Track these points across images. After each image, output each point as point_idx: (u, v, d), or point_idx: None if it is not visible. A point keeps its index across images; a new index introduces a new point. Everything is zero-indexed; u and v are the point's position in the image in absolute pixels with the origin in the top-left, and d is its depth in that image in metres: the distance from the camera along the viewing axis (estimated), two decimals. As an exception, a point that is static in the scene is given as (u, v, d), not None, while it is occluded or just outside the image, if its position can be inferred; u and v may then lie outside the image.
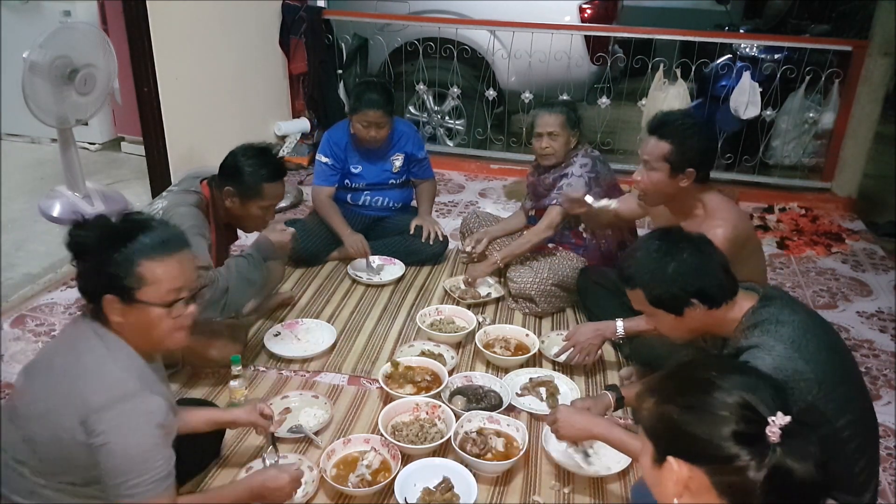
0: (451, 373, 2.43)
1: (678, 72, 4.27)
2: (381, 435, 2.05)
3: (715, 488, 0.97)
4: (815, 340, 1.51)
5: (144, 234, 1.40)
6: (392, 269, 3.23)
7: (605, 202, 2.53)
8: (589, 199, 2.54)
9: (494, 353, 2.56)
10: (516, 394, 2.36)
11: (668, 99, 4.23)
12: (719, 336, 1.67)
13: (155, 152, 3.64)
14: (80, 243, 1.39)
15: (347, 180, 3.27)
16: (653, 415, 1.06)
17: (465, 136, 5.01)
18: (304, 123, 4.83)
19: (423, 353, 2.54)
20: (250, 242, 2.33)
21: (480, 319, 2.83)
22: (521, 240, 2.94)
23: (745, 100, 4.23)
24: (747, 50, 4.66)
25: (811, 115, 4.39)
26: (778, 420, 0.95)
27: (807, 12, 5.79)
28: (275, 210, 2.41)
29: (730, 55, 4.53)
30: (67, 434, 1.33)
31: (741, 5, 6.53)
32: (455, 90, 4.70)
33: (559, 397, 2.34)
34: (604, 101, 4.49)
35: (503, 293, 3.04)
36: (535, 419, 2.26)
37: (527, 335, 2.67)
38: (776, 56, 4.40)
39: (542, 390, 2.37)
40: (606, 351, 2.60)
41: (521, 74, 4.65)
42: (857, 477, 1.53)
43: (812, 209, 4.28)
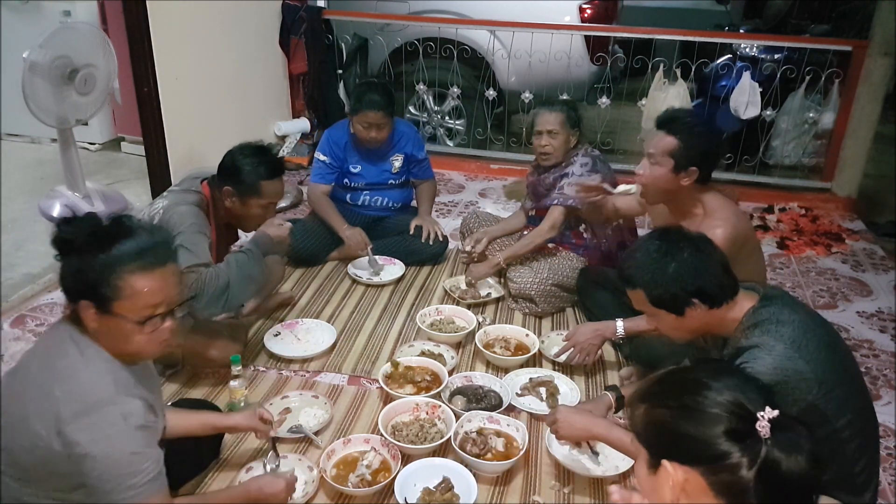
0: (451, 373, 2.43)
1: (678, 72, 4.27)
2: (381, 435, 2.04)
3: (711, 489, 0.97)
4: (815, 340, 1.51)
5: (130, 241, 1.34)
6: (392, 269, 3.23)
7: (623, 188, 2.46)
8: (606, 185, 2.50)
9: (494, 353, 2.56)
10: (516, 394, 2.36)
11: (668, 99, 4.23)
12: (720, 336, 1.67)
13: (155, 152, 3.64)
14: (64, 240, 1.34)
15: (347, 180, 3.27)
16: (645, 420, 1.06)
17: (465, 136, 5.01)
18: (304, 123, 4.84)
19: (423, 353, 2.54)
20: (248, 239, 2.35)
21: (480, 319, 2.83)
22: (524, 241, 2.94)
23: (745, 100, 4.23)
24: (747, 50, 4.67)
25: (811, 115, 4.39)
26: (767, 414, 0.96)
27: (807, 12, 5.79)
28: (275, 209, 2.41)
29: (730, 55, 4.53)
30: (44, 443, 1.29)
31: (741, 5, 6.52)
32: (455, 90, 4.70)
33: (559, 397, 2.34)
34: (604, 101, 4.49)
35: (503, 293, 3.04)
36: (535, 419, 2.26)
37: (527, 335, 2.67)
38: (776, 56, 4.39)
39: (542, 390, 2.37)
40: (606, 351, 2.60)
41: (521, 74, 4.65)
42: (858, 477, 1.53)
43: (812, 209, 4.28)
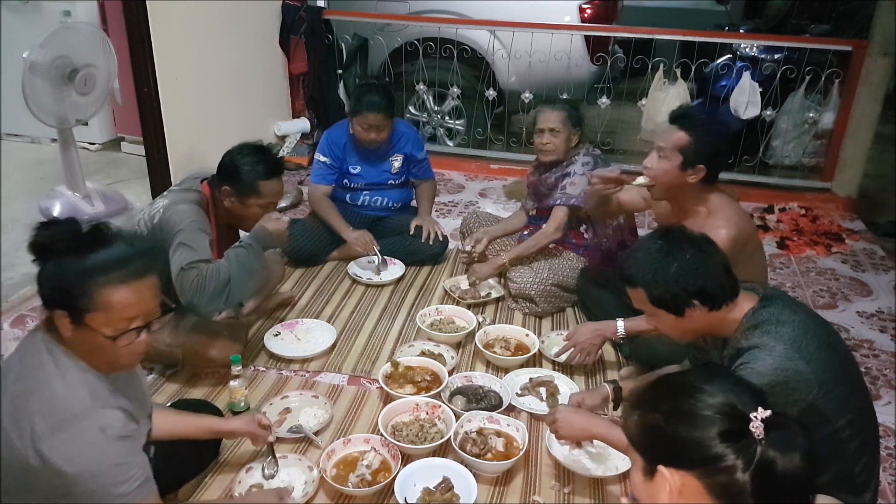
0: (451, 373, 2.43)
1: (678, 72, 4.27)
2: (381, 435, 2.04)
3: (708, 492, 0.97)
4: (815, 341, 1.51)
5: (108, 251, 1.29)
6: (392, 269, 3.23)
7: (641, 180, 2.37)
8: (624, 176, 2.47)
9: (494, 353, 2.56)
10: (516, 394, 2.36)
11: (668, 99, 4.23)
12: (719, 337, 1.67)
13: (155, 152, 3.64)
14: (41, 245, 1.29)
15: (346, 180, 3.27)
16: (639, 426, 1.06)
17: (465, 136, 5.01)
18: (304, 123, 4.84)
19: (423, 353, 2.54)
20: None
21: (480, 319, 2.83)
22: (529, 242, 2.93)
23: (745, 100, 4.23)
24: (747, 50, 4.67)
25: (811, 115, 4.39)
26: (759, 414, 0.96)
27: (807, 12, 5.79)
28: (274, 209, 2.40)
29: (730, 55, 4.53)
30: (22, 457, 1.26)
31: (741, 5, 6.53)
32: (455, 90, 4.70)
33: (559, 397, 2.34)
34: (604, 101, 4.49)
35: (503, 293, 3.04)
36: (535, 419, 2.26)
37: (527, 335, 2.66)
38: (776, 56, 4.40)
39: (542, 390, 2.37)
40: (606, 351, 2.60)
41: (521, 74, 4.65)
42: (857, 477, 1.53)
43: (812, 209, 4.28)
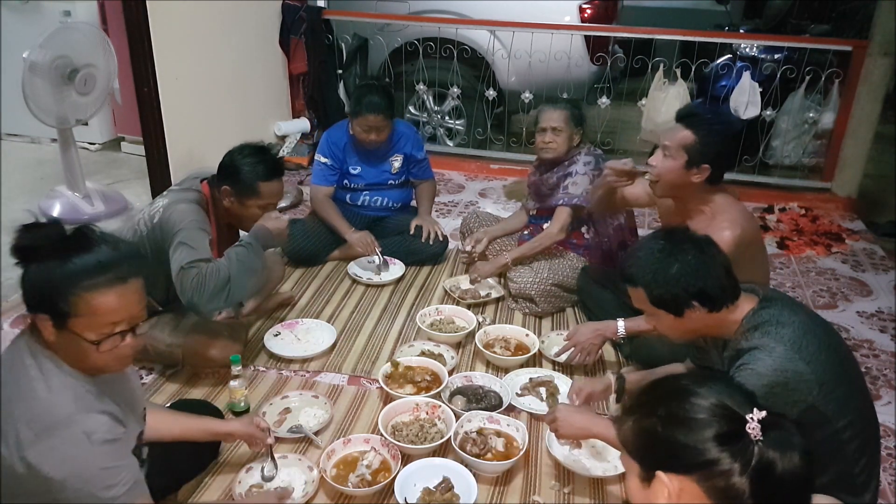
0: (451, 373, 2.43)
1: (678, 72, 4.27)
2: (381, 435, 2.04)
3: (707, 495, 0.97)
4: (815, 341, 1.51)
5: (90, 255, 1.27)
6: (392, 269, 3.23)
7: (650, 177, 2.41)
8: (636, 167, 2.45)
9: (494, 353, 2.56)
10: (516, 394, 2.36)
11: (668, 99, 4.23)
12: (719, 338, 1.67)
13: (155, 152, 3.64)
14: (23, 248, 1.27)
15: (346, 180, 3.27)
16: (634, 432, 1.06)
17: (465, 136, 5.01)
18: (304, 123, 4.84)
19: (423, 353, 2.54)
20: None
21: (480, 319, 2.83)
22: (532, 242, 2.93)
23: (745, 100, 4.23)
24: (747, 50, 4.67)
25: (811, 115, 4.39)
26: (756, 415, 0.96)
27: (807, 12, 5.79)
28: (273, 210, 2.40)
29: (730, 55, 4.53)
30: (8, 464, 1.25)
31: (741, 5, 6.53)
32: (455, 90, 4.70)
33: (559, 397, 2.34)
34: (604, 101, 4.49)
35: (503, 293, 3.04)
36: (535, 419, 2.26)
37: (527, 335, 2.66)
38: (776, 56, 4.40)
39: (542, 390, 2.37)
40: (606, 351, 2.60)
41: (521, 74, 4.65)
42: (858, 477, 1.53)
43: (812, 209, 4.27)
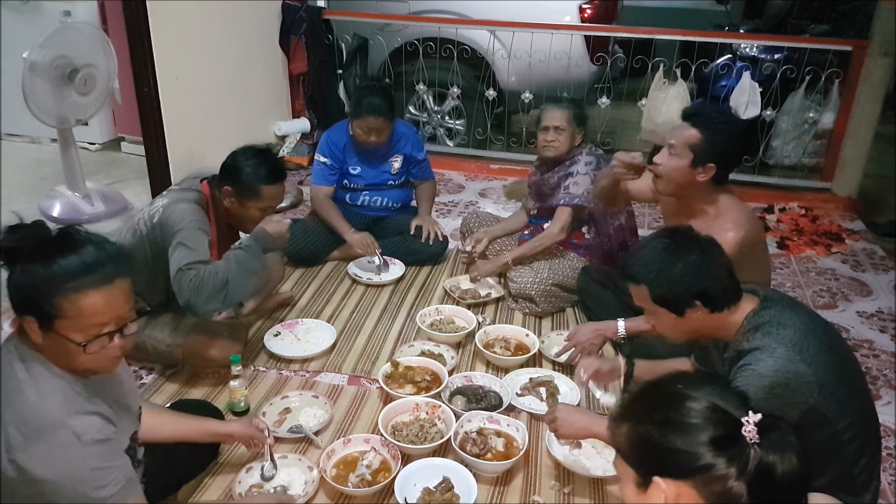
0: (451, 373, 2.43)
1: (678, 72, 4.27)
2: (381, 435, 2.04)
3: (705, 500, 0.97)
4: (816, 343, 1.51)
5: (75, 256, 1.26)
6: (392, 269, 3.23)
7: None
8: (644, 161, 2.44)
9: (494, 353, 2.56)
10: (516, 394, 2.36)
11: (668, 99, 4.23)
12: (720, 339, 1.67)
13: (155, 152, 3.64)
14: (8, 249, 1.26)
15: (346, 181, 3.27)
16: (629, 438, 1.05)
17: (465, 136, 5.01)
18: (304, 123, 4.84)
19: (423, 353, 2.54)
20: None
21: (480, 319, 2.83)
22: (533, 242, 2.93)
23: (745, 100, 4.23)
24: (747, 50, 4.67)
25: (811, 115, 4.39)
26: (752, 418, 0.96)
27: (807, 12, 5.80)
28: (272, 213, 2.41)
29: (730, 55, 4.53)
30: None
31: (741, 5, 6.53)
32: (455, 90, 4.70)
33: (559, 397, 2.34)
34: (604, 101, 4.49)
35: (503, 293, 3.04)
36: (535, 419, 2.26)
37: (527, 335, 2.66)
38: (776, 56, 4.40)
39: (542, 390, 2.37)
40: (607, 351, 2.60)
41: (521, 74, 4.65)
42: (858, 477, 1.53)
43: (812, 209, 4.27)
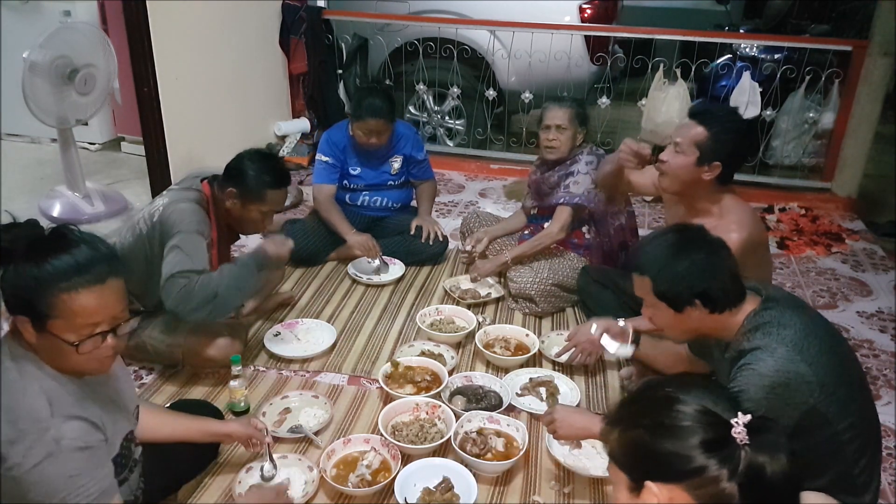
0: (451, 373, 2.43)
1: (678, 72, 4.27)
2: (381, 435, 2.04)
3: (697, 503, 0.97)
4: (817, 343, 1.51)
5: (68, 256, 1.27)
6: (392, 269, 3.23)
7: None
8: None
9: (494, 353, 2.56)
10: (516, 394, 2.36)
11: (668, 99, 4.23)
12: (721, 339, 1.67)
13: (155, 152, 3.64)
14: (1, 248, 1.26)
15: (346, 181, 3.27)
16: (621, 444, 1.06)
17: (465, 136, 5.01)
18: (304, 123, 4.84)
19: (423, 353, 2.54)
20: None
21: (480, 319, 2.83)
22: (532, 241, 2.93)
23: (745, 100, 4.23)
24: (747, 50, 4.67)
25: (811, 115, 4.40)
26: (741, 419, 0.96)
27: (807, 12, 5.80)
28: (272, 216, 2.44)
29: (730, 55, 4.53)
30: None
31: (741, 5, 6.54)
32: (455, 90, 4.70)
33: (559, 397, 2.34)
34: (604, 101, 4.49)
35: (503, 293, 3.04)
36: (535, 419, 2.26)
37: (527, 335, 2.66)
38: (776, 56, 4.40)
39: (542, 390, 2.37)
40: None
41: (521, 74, 4.65)
42: (858, 478, 1.53)
43: (812, 209, 4.27)
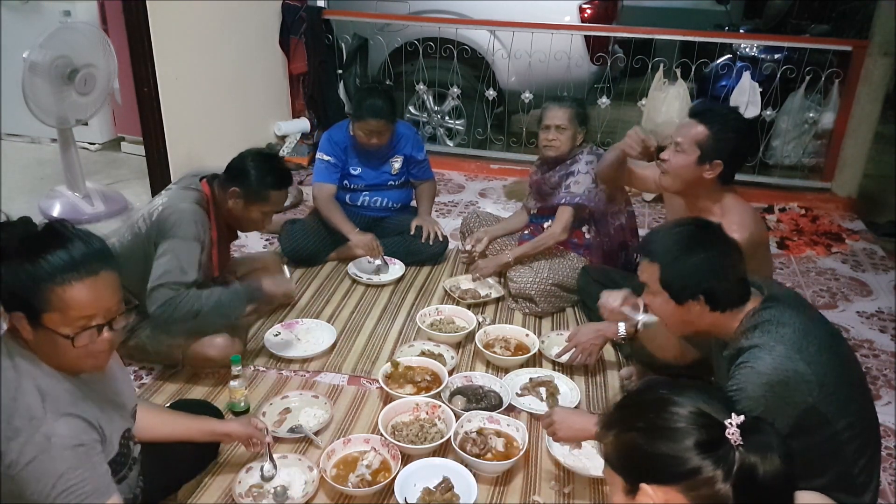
0: (451, 373, 2.43)
1: (678, 72, 4.27)
2: (381, 435, 2.04)
3: None
4: (816, 342, 1.51)
5: (62, 249, 1.28)
6: (392, 269, 3.23)
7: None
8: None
9: (494, 353, 2.56)
10: (516, 394, 2.36)
11: (668, 99, 4.23)
12: (720, 337, 1.67)
13: (155, 152, 3.64)
14: None
15: (346, 181, 3.27)
16: (616, 447, 1.06)
17: (465, 136, 5.01)
18: (304, 123, 4.84)
19: (423, 353, 2.54)
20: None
21: (480, 319, 2.83)
22: (535, 241, 2.93)
23: (745, 100, 4.23)
24: (747, 50, 4.67)
25: (811, 115, 4.40)
26: (734, 420, 0.96)
27: (807, 12, 5.80)
28: (272, 216, 2.46)
29: (730, 55, 4.53)
30: None
31: (741, 5, 6.54)
32: (455, 90, 4.70)
33: (559, 397, 2.34)
34: (604, 101, 4.49)
35: (503, 293, 3.04)
36: (535, 419, 2.25)
37: (527, 335, 2.66)
38: (776, 56, 4.40)
39: (542, 390, 2.37)
40: (607, 351, 2.60)
41: (521, 74, 4.65)
42: (857, 477, 1.53)
43: (812, 209, 4.27)
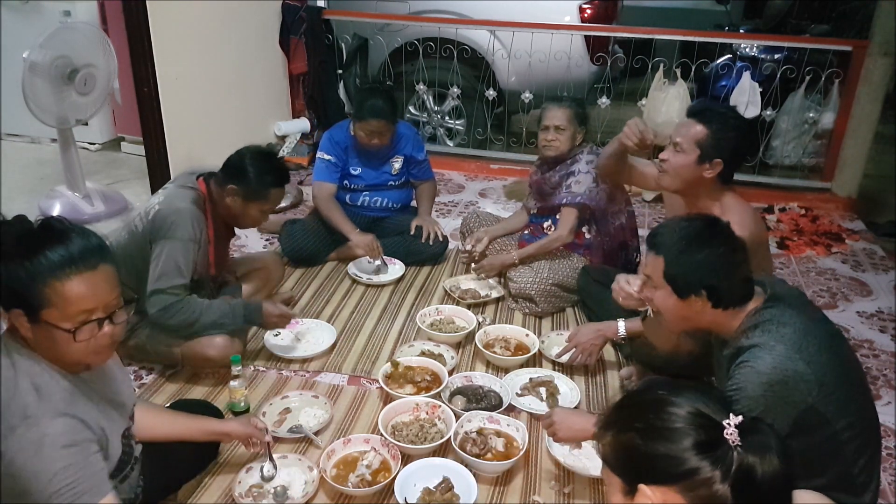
0: (451, 373, 2.43)
1: (678, 72, 4.27)
2: (381, 435, 2.04)
3: None
4: (816, 342, 1.51)
5: (59, 246, 1.29)
6: (392, 269, 3.23)
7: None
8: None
9: (494, 353, 2.56)
10: (516, 394, 2.36)
11: (668, 99, 4.23)
12: (720, 336, 1.67)
13: (155, 152, 3.64)
14: None
15: (346, 181, 3.27)
16: (614, 447, 1.06)
17: (465, 136, 5.01)
18: (304, 123, 4.84)
19: (423, 353, 2.54)
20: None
21: (480, 319, 2.83)
22: (541, 242, 2.92)
23: (745, 100, 4.23)
24: (747, 50, 4.67)
25: (811, 115, 4.40)
26: (732, 420, 0.97)
27: (807, 12, 5.80)
28: (269, 214, 2.47)
29: (730, 55, 4.53)
30: None
31: (741, 5, 6.54)
32: (455, 90, 4.70)
33: (559, 397, 2.34)
34: (604, 101, 4.49)
35: (503, 293, 3.04)
36: (535, 419, 2.25)
37: (527, 335, 2.66)
38: (776, 56, 4.40)
39: (542, 390, 2.37)
40: (607, 351, 2.60)
41: (521, 74, 4.65)
42: (857, 477, 1.53)
43: (812, 209, 4.27)
